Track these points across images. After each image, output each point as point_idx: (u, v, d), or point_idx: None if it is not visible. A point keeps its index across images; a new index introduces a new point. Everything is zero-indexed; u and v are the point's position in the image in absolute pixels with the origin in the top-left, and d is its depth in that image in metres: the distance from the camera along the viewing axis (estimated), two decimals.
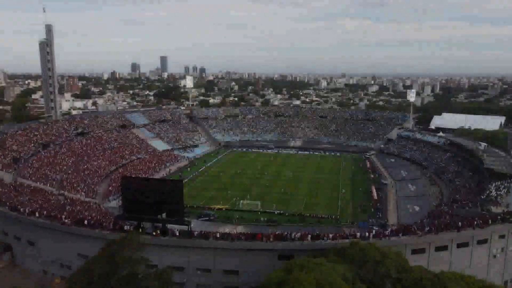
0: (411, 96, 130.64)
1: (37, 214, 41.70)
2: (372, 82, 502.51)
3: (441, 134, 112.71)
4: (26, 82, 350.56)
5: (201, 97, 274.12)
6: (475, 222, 39.20)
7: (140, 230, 35.85)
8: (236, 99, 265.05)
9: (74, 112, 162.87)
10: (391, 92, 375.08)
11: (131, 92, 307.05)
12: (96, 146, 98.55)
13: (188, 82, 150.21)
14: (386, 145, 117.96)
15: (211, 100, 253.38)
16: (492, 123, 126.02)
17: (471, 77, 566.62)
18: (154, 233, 36.30)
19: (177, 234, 37.17)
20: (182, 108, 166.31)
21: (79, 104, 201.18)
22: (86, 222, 38.16)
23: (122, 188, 36.54)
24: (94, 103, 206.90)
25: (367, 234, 38.44)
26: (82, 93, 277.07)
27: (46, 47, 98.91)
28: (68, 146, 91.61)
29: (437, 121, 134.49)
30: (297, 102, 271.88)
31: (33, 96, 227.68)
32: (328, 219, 64.05)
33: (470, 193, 65.95)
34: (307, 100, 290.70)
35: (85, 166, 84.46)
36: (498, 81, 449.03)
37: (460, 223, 39.01)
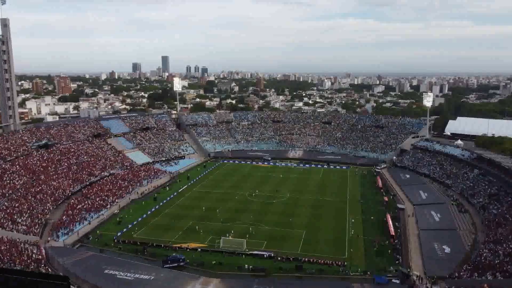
0: (428, 101, 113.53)
1: None
2: (378, 82, 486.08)
3: (459, 142, 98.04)
4: (20, 83, 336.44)
5: (198, 99, 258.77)
6: None
7: None
8: (234, 101, 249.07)
9: (50, 118, 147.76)
10: (398, 93, 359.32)
11: (125, 93, 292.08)
12: (61, 161, 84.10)
13: (176, 84, 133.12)
14: (399, 156, 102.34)
15: (208, 103, 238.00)
16: None
17: (479, 76, 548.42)
18: None
19: None
20: (174, 112, 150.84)
21: (60, 108, 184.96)
22: None
23: None
24: (76, 107, 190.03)
25: None
26: (73, 95, 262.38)
27: (1, 45, 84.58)
28: (23, 162, 77.15)
29: (452, 126, 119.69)
30: (300, 104, 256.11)
31: None
32: (332, 266, 49.06)
33: None
34: (310, 101, 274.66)
35: (39, 188, 70.06)
36: (509, 80, 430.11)
37: None
